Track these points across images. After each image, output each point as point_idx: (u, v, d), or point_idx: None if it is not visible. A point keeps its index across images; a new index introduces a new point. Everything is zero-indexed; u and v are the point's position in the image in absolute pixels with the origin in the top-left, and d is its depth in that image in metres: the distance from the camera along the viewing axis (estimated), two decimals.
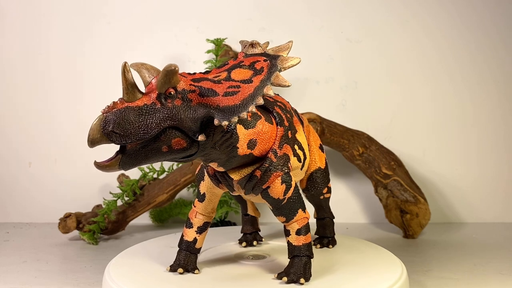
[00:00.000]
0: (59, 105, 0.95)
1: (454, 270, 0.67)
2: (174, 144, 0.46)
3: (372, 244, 0.67)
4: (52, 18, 0.95)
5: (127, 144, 0.45)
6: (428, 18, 0.94)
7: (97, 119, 0.45)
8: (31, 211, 0.94)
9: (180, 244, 0.57)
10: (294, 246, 0.53)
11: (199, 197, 0.56)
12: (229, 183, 0.52)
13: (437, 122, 0.95)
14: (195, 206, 0.57)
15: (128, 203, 0.84)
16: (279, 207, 0.53)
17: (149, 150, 0.46)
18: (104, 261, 0.65)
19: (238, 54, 0.53)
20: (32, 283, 0.63)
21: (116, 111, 0.45)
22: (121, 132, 0.45)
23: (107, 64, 0.95)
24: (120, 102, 0.45)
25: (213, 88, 0.47)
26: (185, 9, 0.95)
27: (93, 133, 0.46)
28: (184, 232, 0.58)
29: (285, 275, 0.52)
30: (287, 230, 0.54)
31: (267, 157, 0.51)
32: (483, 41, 0.94)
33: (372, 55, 0.94)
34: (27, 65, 0.95)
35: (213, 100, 0.46)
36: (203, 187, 0.56)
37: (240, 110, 0.46)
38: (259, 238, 0.68)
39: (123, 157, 0.46)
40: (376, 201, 0.88)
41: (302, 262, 0.52)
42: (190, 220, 0.57)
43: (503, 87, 0.94)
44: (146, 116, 0.45)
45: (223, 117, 0.46)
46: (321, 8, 0.94)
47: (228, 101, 0.46)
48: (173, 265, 0.56)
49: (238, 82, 0.48)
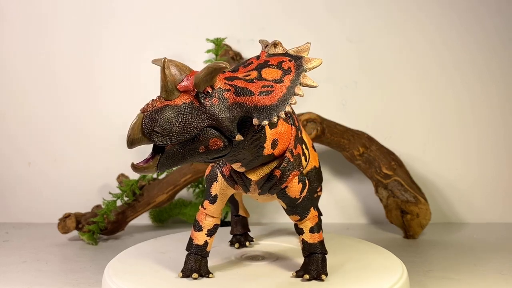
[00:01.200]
0: (59, 105, 0.95)
1: (454, 270, 0.67)
2: (211, 144, 0.45)
3: (372, 244, 0.67)
4: (52, 17, 0.94)
5: (168, 144, 0.44)
6: (428, 18, 0.94)
7: (137, 118, 0.44)
8: (30, 211, 0.94)
9: (190, 248, 0.55)
10: (309, 244, 0.54)
11: (210, 198, 0.54)
12: (246, 183, 0.52)
13: (437, 122, 0.95)
14: (205, 208, 0.55)
15: (127, 203, 0.84)
16: (294, 206, 0.54)
17: (187, 150, 0.45)
18: (103, 261, 0.65)
19: (260, 53, 0.52)
20: (32, 283, 0.62)
21: (157, 110, 0.44)
22: (163, 132, 0.44)
23: (106, 64, 0.95)
24: (159, 101, 0.45)
25: (248, 87, 0.47)
26: (185, 9, 0.95)
27: (134, 133, 0.44)
28: (193, 235, 0.55)
29: (304, 272, 0.53)
30: (300, 228, 0.55)
31: (285, 157, 0.51)
32: (482, 41, 0.94)
33: (372, 55, 0.94)
34: (26, 65, 0.94)
35: (249, 100, 0.46)
36: (215, 188, 0.54)
37: (278, 110, 0.47)
38: (250, 238, 0.68)
39: (162, 158, 0.45)
40: (377, 201, 0.88)
41: (319, 259, 0.54)
42: (200, 223, 0.55)
43: (503, 87, 0.94)
44: (187, 115, 0.44)
45: (262, 116, 0.46)
46: (321, 8, 0.94)
47: (265, 101, 0.46)
48: (184, 270, 0.54)
49: (270, 81, 0.48)
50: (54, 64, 0.95)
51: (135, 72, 0.95)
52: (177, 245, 0.66)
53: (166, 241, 0.69)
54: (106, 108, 0.94)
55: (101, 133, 0.94)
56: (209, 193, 0.54)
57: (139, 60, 0.95)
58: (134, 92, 0.95)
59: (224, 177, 0.53)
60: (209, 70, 0.44)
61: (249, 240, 0.67)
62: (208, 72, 0.44)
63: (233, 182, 0.53)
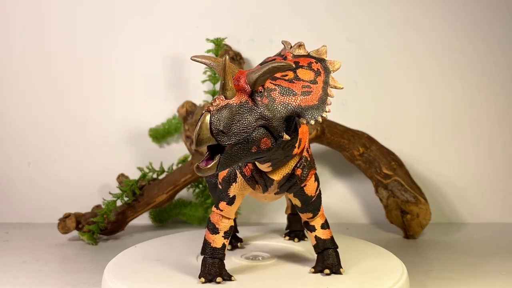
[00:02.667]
0: (59, 105, 0.95)
1: (454, 270, 0.67)
2: (262, 144, 0.45)
3: (372, 244, 0.67)
4: (54, 18, 0.94)
5: (230, 144, 0.44)
6: (427, 18, 0.94)
7: (204, 118, 0.43)
8: (30, 211, 0.94)
9: (207, 251, 0.53)
10: (323, 240, 0.55)
11: (228, 200, 0.53)
12: (266, 183, 0.52)
13: (437, 122, 0.95)
14: (222, 209, 0.53)
15: (127, 203, 0.84)
16: (309, 204, 0.55)
17: (241, 150, 0.45)
18: (103, 261, 0.65)
19: (285, 54, 0.52)
20: (32, 283, 0.62)
21: (222, 109, 0.44)
22: (227, 131, 0.43)
23: (106, 64, 0.95)
24: (222, 100, 0.44)
25: (290, 87, 0.47)
26: (184, 9, 0.95)
27: (203, 132, 0.43)
28: (209, 238, 0.53)
29: (323, 267, 0.54)
30: (312, 225, 0.56)
31: (303, 156, 0.52)
32: (480, 42, 0.94)
33: (372, 55, 0.94)
34: (27, 65, 0.94)
35: (293, 100, 0.47)
36: (234, 189, 0.53)
37: (320, 110, 0.48)
38: (240, 239, 0.67)
39: (222, 158, 0.44)
40: (377, 201, 0.88)
41: (334, 253, 0.55)
42: (216, 225, 0.53)
43: (502, 87, 0.94)
44: (245, 114, 0.44)
45: (309, 116, 0.47)
46: (321, 8, 0.94)
47: (307, 101, 0.47)
48: (205, 275, 0.52)
49: (307, 82, 0.49)
50: (55, 64, 0.94)
51: (135, 72, 0.95)
52: (177, 245, 0.66)
53: (166, 241, 0.69)
54: (106, 109, 0.94)
55: (101, 133, 0.94)
56: (227, 194, 0.53)
57: (139, 60, 0.95)
58: (134, 92, 0.95)
59: (245, 177, 0.52)
60: (270, 69, 0.44)
61: (239, 241, 0.67)
62: (268, 71, 0.44)
63: (255, 182, 0.52)
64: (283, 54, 0.53)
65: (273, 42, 0.94)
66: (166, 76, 0.95)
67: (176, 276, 0.54)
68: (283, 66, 0.44)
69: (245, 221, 0.93)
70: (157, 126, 0.93)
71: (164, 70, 0.95)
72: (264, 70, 0.44)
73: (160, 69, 0.95)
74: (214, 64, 0.47)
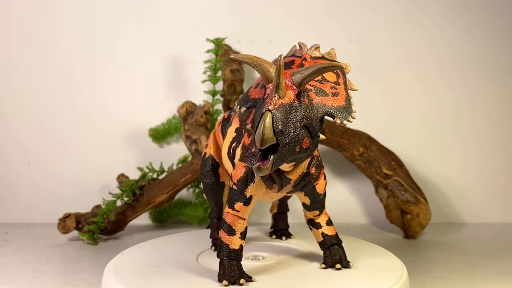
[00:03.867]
0: (59, 105, 0.95)
1: (454, 270, 0.67)
2: (304, 143, 0.46)
3: (372, 244, 0.67)
4: (52, 18, 0.94)
5: (285, 143, 0.44)
6: (427, 18, 0.94)
7: (268, 117, 0.43)
8: (30, 211, 0.94)
9: (225, 253, 0.52)
10: (330, 236, 0.57)
11: (245, 200, 0.52)
12: (283, 183, 0.52)
13: (437, 122, 0.95)
14: (238, 210, 0.53)
15: (127, 203, 0.84)
16: (317, 201, 0.56)
17: (289, 150, 0.45)
18: (103, 261, 0.65)
19: (303, 55, 0.53)
20: (32, 283, 0.62)
21: (279, 109, 0.44)
22: (284, 131, 0.44)
23: (106, 64, 0.95)
24: (277, 99, 0.44)
25: (322, 88, 0.48)
26: (185, 9, 0.95)
27: (267, 132, 0.43)
28: (226, 240, 0.52)
29: (334, 263, 0.56)
30: (317, 223, 0.57)
31: (315, 155, 0.53)
32: (480, 41, 0.94)
33: (372, 55, 0.94)
34: (26, 65, 0.94)
35: (326, 100, 0.47)
36: (251, 190, 0.52)
37: (350, 110, 0.48)
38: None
39: (275, 158, 0.45)
40: (377, 201, 0.88)
41: (341, 248, 0.57)
42: (232, 227, 0.53)
43: (502, 88, 0.94)
44: (294, 114, 0.45)
45: (342, 116, 0.48)
46: (321, 8, 0.94)
47: (338, 101, 0.48)
48: (228, 278, 0.51)
49: (333, 83, 0.49)
50: (55, 64, 0.95)
51: (135, 72, 0.95)
52: (177, 245, 0.66)
53: (166, 241, 0.69)
54: (106, 109, 0.94)
55: (101, 133, 0.94)
56: (243, 195, 0.52)
57: (139, 60, 0.95)
58: (134, 92, 0.95)
59: (263, 177, 0.52)
60: (319, 69, 0.45)
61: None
62: (317, 72, 0.45)
63: (272, 182, 0.52)
64: (301, 55, 0.53)
65: (273, 42, 0.94)
66: (166, 76, 0.95)
67: (176, 276, 0.54)
68: (330, 66, 0.45)
69: None
70: (157, 126, 0.93)
71: (164, 70, 0.95)
72: (312, 70, 0.45)
73: (160, 69, 0.95)
74: (256, 63, 0.47)
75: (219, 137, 0.64)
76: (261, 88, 0.49)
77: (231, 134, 0.59)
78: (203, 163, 0.64)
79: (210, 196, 0.65)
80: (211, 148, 0.64)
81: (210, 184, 0.64)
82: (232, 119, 0.61)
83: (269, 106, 0.44)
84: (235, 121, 0.60)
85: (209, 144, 0.65)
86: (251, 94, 0.51)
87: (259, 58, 0.47)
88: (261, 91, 0.48)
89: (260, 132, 0.43)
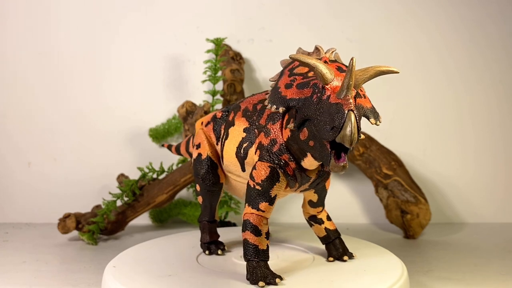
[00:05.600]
0: (59, 105, 0.95)
1: (454, 270, 0.67)
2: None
3: (372, 244, 0.67)
4: (51, 17, 0.94)
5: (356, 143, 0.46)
6: (427, 18, 0.94)
7: (353, 117, 0.44)
8: (30, 211, 0.94)
9: (255, 255, 0.52)
10: (332, 230, 0.60)
11: (270, 200, 0.53)
12: (303, 181, 0.53)
13: (437, 122, 0.95)
14: (264, 210, 0.53)
15: (127, 203, 0.84)
16: (323, 198, 0.59)
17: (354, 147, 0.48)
18: (103, 261, 0.65)
19: (321, 58, 0.53)
20: (32, 283, 0.62)
21: (355, 108, 0.45)
22: (359, 131, 0.46)
23: (106, 64, 0.95)
24: (353, 99, 0.45)
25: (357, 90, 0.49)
26: (184, 9, 0.95)
27: (356, 132, 0.44)
28: (254, 241, 0.52)
29: (340, 255, 0.59)
30: (319, 218, 0.60)
31: None
32: (481, 41, 0.94)
33: (372, 55, 0.94)
34: (26, 64, 0.94)
35: (362, 101, 0.49)
36: (276, 189, 0.53)
37: (377, 112, 0.51)
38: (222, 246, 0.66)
39: (347, 155, 0.47)
40: (377, 201, 0.88)
41: (342, 241, 0.60)
42: (258, 227, 0.52)
43: (502, 88, 0.94)
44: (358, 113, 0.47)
45: (375, 117, 0.50)
46: (321, 8, 0.94)
47: (368, 103, 0.50)
48: (263, 278, 0.51)
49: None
50: (55, 64, 0.94)
51: (135, 72, 0.95)
52: (177, 245, 0.66)
53: (166, 241, 0.69)
54: (106, 109, 0.94)
55: (101, 133, 0.94)
56: (269, 194, 0.53)
57: (139, 60, 0.95)
58: (134, 92, 0.95)
59: (288, 176, 0.52)
60: (376, 72, 0.47)
61: (221, 248, 0.64)
62: (374, 75, 0.47)
63: (295, 181, 0.53)
64: (321, 58, 0.53)
65: (273, 42, 0.94)
66: (166, 76, 0.95)
67: (176, 276, 0.54)
68: (387, 70, 0.48)
69: None
70: (157, 126, 0.93)
71: (164, 70, 0.95)
72: (370, 74, 0.47)
73: (160, 69, 0.95)
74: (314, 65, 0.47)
75: (211, 137, 0.62)
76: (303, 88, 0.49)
77: (239, 134, 0.57)
78: (199, 164, 0.62)
79: (208, 199, 0.63)
80: (207, 149, 0.62)
81: (210, 185, 0.62)
82: (234, 118, 0.59)
83: (351, 106, 0.45)
84: (240, 121, 0.58)
85: (202, 144, 0.62)
86: (286, 94, 0.51)
87: (317, 60, 0.48)
88: (304, 91, 0.49)
89: (349, 132, 0.44)
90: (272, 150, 0.52)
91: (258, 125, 0.55)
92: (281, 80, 0.52)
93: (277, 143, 0.52)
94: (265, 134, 0.54)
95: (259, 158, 0.53)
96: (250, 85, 0.94)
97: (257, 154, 0.54)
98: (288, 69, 0.53)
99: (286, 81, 0.52)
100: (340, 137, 0.44)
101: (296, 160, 0.52)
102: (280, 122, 0.53)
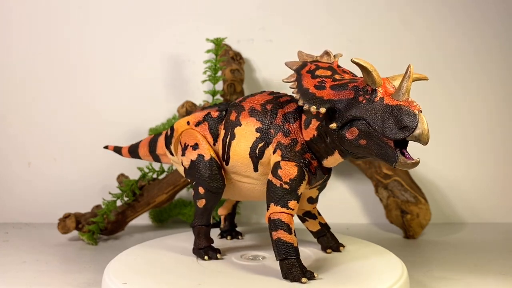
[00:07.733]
0: (59, 105, 0.95)
1: (454, 270, 0.67)
2: None
3: (372, 244, 0.67)
4: (52, 17, 0.94)
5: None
6: (428, 19, 0.94)
7: (424, 117, 0.47)
8: (30, 211, 0.94)
9: (291, 252, 0.53)
10: (324, 224, 0.64)
11: (297, 198, 0.54)
12: (319, 178, 0.57)
13: (437, 122, 0.94)
14: (293, 208, 0.54)
15: (127, 203, 0.84)
16: (319, 193, 0.63)
17: None
18: (103, 261, 0.65)
19: (333, 62, 0.56)
20: (32, 283, 0.62)
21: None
22: None
23: (106, 64, 0.95)
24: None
25: None
26: (184, 9, 0.95)
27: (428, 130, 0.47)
28: (289, 239, 0.53)
29: (337, 246, 0.63)
30: (313, 214, 0.64)
31: None
32: (482, 44, 0.94)
33: (373, 56, 0.94)
34: (26, 64, 0.94)
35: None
36: (303, 187, 0.54)
37: None
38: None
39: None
40: (377, 201, 0.88)
41: (333, 233, 0.64)
42: (290, 226, 0.53)
43: (502, 87, 0.94)
44: None
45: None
46: (322, 8, 0.94)
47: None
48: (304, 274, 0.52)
49: None
50: (54, 64, 0.94)
51: (135, 72, 0.95)
52: (177, 245, 0.66)
53: (166, 241, 0.69)
54: (106, 108, 0.94)
55: (101, 133, 0.94)
56: (296, 192, 0.54)
57: (139, 60, 0.95)
58: (134, 92, 0.95)
59: (312, 175, 0.55)
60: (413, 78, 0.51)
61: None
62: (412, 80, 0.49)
63: (315, 178, 0.56)
64: (331, 62, 0.56)
65: (273, 42, 0.94)
66: (166, 76, 0.95)
67: (176, 276, 0.54)
68: (420, 77, 0.53)
69: (245, 221, 0.94)
70: (157, 126, 0.93)
71: (164, 70, 0.95)
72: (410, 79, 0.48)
73: (160, 69, 0.95)
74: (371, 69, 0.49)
75: (207, 137, 0.61)
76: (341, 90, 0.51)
77: (252, 134, 0.57)
78: (202, 166, 0.60)
79: (212, 201, 0.61)
80: (209, 150, 0.60)
81: (217, 187, 0.60)
82: (239, 118, 0.58)
83: (419, 108, 0.48)
84: (248, 120, 0.58)
85: (201, 145, 0.60)
86: (322, 95, 0.52)
87: (373, 66, 0.49)
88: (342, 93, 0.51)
89: (427, 131, 0.47)
90: (295, 149, 0.54)
91: (273, 125, 0.56)
92: (305, 82, 0.53)
93: (298, 142, 0.55)
94: (284, 134, 0.55)
95: (282, 157, 0.54)
96: (250, 85, 0.94)
97: (277, 154, 0.55)
98: (306, 71, 0.55)
99: (312, 82, 0.53)
100: (416, 136, 0.46)
101: (318, 158, 0.55)
102: (299, 123, 0.55)
